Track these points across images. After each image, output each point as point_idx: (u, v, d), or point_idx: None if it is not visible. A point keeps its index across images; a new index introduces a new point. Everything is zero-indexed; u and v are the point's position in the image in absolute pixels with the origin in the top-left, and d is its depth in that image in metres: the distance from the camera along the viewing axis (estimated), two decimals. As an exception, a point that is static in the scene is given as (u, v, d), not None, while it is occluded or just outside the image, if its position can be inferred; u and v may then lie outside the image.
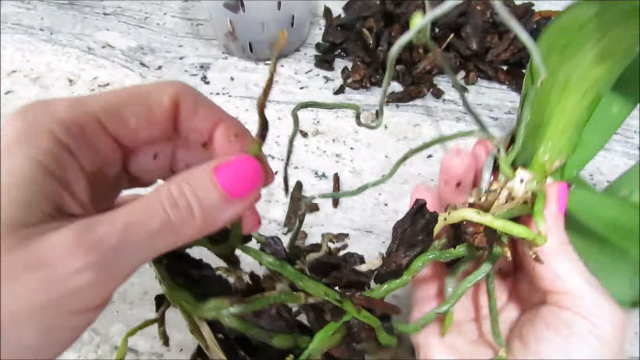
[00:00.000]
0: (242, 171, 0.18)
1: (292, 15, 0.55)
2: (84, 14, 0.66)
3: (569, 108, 0.26)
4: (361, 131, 0.53)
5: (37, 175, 0.15)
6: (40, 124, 0.16)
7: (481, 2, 0.60)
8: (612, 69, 0.26)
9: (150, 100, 0.18)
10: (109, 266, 0.15)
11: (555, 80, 0.26)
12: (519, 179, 0.26)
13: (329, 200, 0.47)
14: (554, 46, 0.26)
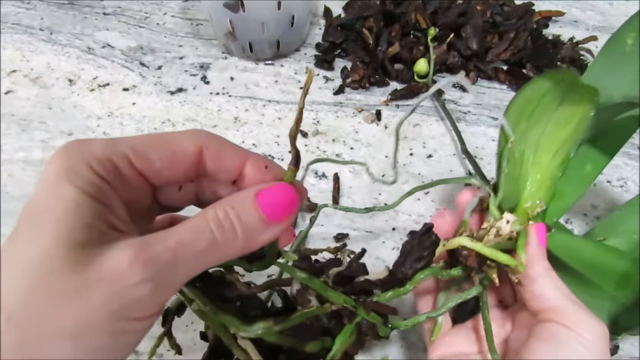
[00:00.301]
0: (280, 197, 0.20)
1: (292, 15, 0.55)
2: (84, 14, 0.66)
3: (543, 164, 0.32)
4: (361, 131, 0.53)
5: (87, 202, 0.18)
6: (81, 160, 0.19)
7: (481, 2, 0.60)
8: (576, 131, 0.31)
9: (174, 146, 0.21)
10: (163, 279, 0.18)
11: (527, 141, 0.32)
12: (506, 220, 0.30)
13: (329, 200, 0.47)
14: (522, 113, 0.32)
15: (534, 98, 0.32)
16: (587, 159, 0.36)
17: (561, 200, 0.34)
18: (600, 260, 0.30)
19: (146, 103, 0.55)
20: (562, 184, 0.33)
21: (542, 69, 0.57)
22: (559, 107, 0.31)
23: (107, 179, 0.19)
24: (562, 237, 0.32)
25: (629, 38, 0.35)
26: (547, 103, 0.32)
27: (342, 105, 0.55)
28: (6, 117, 0.54)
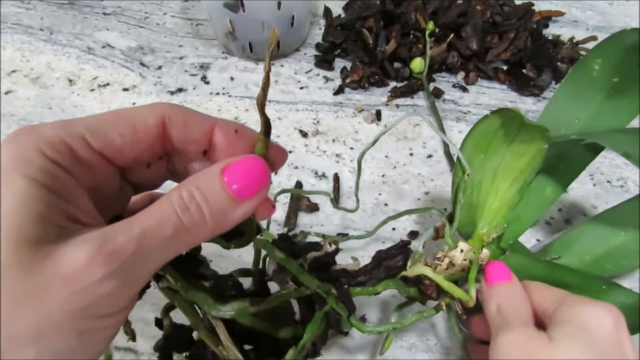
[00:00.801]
0: (249, 171, 0.18)
1: (292, 15, 0.55)
2: (84, 14, 0.66)
3: (501, 192, 0.33)
4: (361, 131, 0.53)
5: (38, 193, 0.16)
6: (31, 147, 0.17)
7: (481, 2, 0.60)
8: (532, 161, 0.32)
9: (134, 121, 0.19)
10: (129, 272, 0.17)
11: (484, 171, 0.34)
12: (460, 249, 0.32)
13: (328, 201, 0.47)
14: (479, 146, 0.34)
15: (489, 132, 0.33)
16: (547, 183, 0.37)
17: (519, 223, 0.36)
18: (553, 278, 0.32)
19: (146, 103, 0.55)
20: (520, 208, 0.35)
21: (542, 68, 0.57)
22: (513, 141, 0.33)
23: (63, 165, 0.17)
24: (516, 258, 0.34)
25: (595, 64, 0.36)
26: (501, 137, 0.33)
27: (342, 105, 0.55)
28: (6, 117, 0.54)
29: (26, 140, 0.17)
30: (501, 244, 0.36)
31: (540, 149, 0.32)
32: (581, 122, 0.37)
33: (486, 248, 0.34)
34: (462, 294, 0.29)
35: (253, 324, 0.24)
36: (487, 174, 0.34)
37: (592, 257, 0.35)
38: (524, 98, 0.57)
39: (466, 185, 0.34)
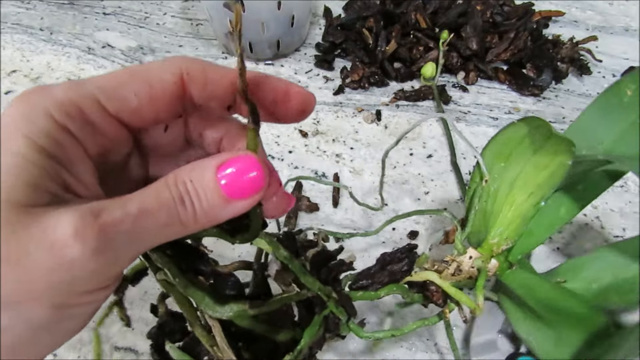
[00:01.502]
0: (243, 171, 0.17)
1: (292, 15, 0.55)
2: (84, 14, 0.66)
3: (516, 204, 0.33)
4: (361, 131, 0.53)
5: (36, 157, 0.15)
6: (37, 106, 0.16)
7: (481, 2, 0.60)
8: (552, 176, 0.32)
9: (150, 78, 0.18)
10: (119, 250, 0.16)
11: (502, 180, 0.33)
12: (469, 255, 0.31)
13: (328, 200, 0.47)
14: (500, 154, 0.33)
15: (513, 140, 0.33)
16: (563, 203, 0.36)
17: (530, 238, 0.35)
18: (556, 301, 0.31)
19: (146, 103, 0.55)
20: (533, 224, 0.34)
21: (542, 68, 0.57)
22: (537, 152, 0.32)
23: (70, 129, 0.16)
24: (522, 274, 0.34)
25: (628, 89, 0.35)
26: (525, 147, 0.33)
27: (342, 105, 0.55)
28: (6, 117, 0.54)
29: (35, 101, 0.16)
30: (510, 258, 0.35)
31: (563, 163, 0.31)
32: (604, 146, 0.36)
33: (496, 258, 0.33)
34: (469, 302, 0.29)
35: (252, 327, 0.23)
36: (505, 184, 0.33)
37: (598, 286, 0.34)
38: (524, 98, 0.57)
39: (482, 193, 0.33)
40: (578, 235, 0.45)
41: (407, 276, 0.30)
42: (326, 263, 0.27)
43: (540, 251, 0.43)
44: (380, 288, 0.29)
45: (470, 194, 0.34)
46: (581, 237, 0.45)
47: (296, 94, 0.20)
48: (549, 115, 0.55)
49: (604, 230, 0.45)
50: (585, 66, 0.59)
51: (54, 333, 0.16)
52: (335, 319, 0.27)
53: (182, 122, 0.21)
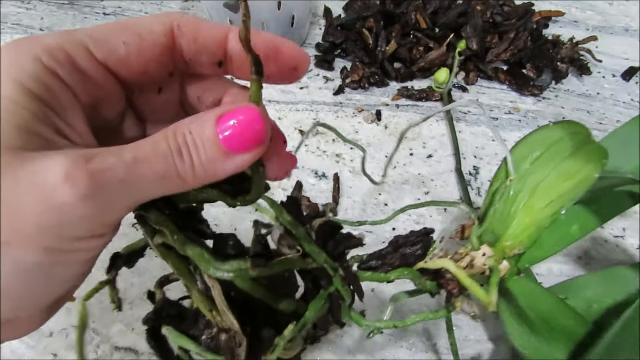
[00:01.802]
0: (244, 123, 0.17)
1: (292, 15, 0.55)
2: (84, 14, 0.66)
3: (535, 210, 0.32)
4: (361, 131, 0.53)
5: (26, 101, 0.15)
6: (27, 52, 0.16)
7: (481, 2, 0.60)
8: (576, 187, 0.31)
9: (139, 29, 0.18)
10: (111, 198, 0.15)
11: (524, 183, 0.33)
12: (483, 252, 0.31)
13: (329, 200, 0.47)
14: (527, 155, 0.33)
15: (544, 143, 0.32)
16: (577, 220, 0.36)
17: (539, 250, 0.35)
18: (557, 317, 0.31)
19: (146, 103, 0.55)
20: (545, 236, 0.34)
21: (542, 68, 0.57)
22: (566, 159, 0.31)
23: (59, 75, 0.16)
24: (528, 283, 0.33)
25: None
26: (555, 152, 0.32)
27: (342, 105, 0.55)
28: None
29: (24, 47, 0.16)
30: (519, 264, 0.34)
31: (590, 176, 0.31)
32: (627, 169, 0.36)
33: (507, 261, 0.32)
34: (483, 295, 0.27)
35: (252, 290, 0.21)
36: (527, 187, 0.32)
37: (599, 307, 0.34)
38: (524, 98, 0.57)
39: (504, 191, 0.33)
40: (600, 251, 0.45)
41: (420, 261, 0.28)
42: (333, 235, 0.26)
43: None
44: (390, 270, 0.27)
45: (492, 191, 0.33)
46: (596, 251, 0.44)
47: (288, 49, 0.19)
48: (549, 115, 0.55)
49: (604, 230, 0.45)
50: (585, 66, 0.59)
51: (47, 279, 0.16)
52: (340, 298, 0.25)
53: (178, 86, 0.20)
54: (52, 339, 0.38)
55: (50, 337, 0.38)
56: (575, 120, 0.32)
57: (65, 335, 0.38)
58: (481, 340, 0.38)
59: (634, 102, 0.57)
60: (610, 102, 0.56)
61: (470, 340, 0.38)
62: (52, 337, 0.38)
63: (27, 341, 0.38)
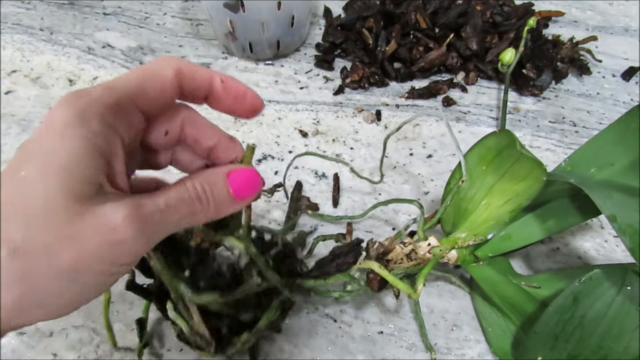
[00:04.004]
0: (246, 180, 0.24)
1: (292, 15, 0.55)
2: (84, 14, 0.66)
3: (492, 207, 0.35)
4: (361, 131, 0.53)
5: (92, 154, 0.19)
6: (89, 109, 0.20)
7: (481, 2, 0.60)
8: (529, 189, 0.34)
9: (160, 74, 0.23)
10: (150, 235, 0.21)
11: (482, 183, 0.36)
12: (428, 242, 0.35)
13: (329, 200, 0.47)
14: (484, 158, 0.36)
15: (496, 148, 0.35)
16: (553, 216, 0.38)
17: (507, 242, 0.39)
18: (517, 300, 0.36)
19: (146, 103, 0.55)
20: (514, 229, 0.38)
21: (542, 68, 0.57)
22: (515, 163, 0.34)
23: (117, 129, 0.21)
24: (488, 270, 0.37)
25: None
26: (505, 156, 0.35)
27: (342, 105, 0.55)
28: (6, 117, 0.54)
29: (84, 103, 0.20)
30: (477, 252, 0.37)
31: (539, 179, 0.33)
32: (614, 168, 0.37)
33: (457, 250, 0.36)
34: (405, 288, 0.32)
35: (221, 310, 0.30)
36: (484, 186, 0.36)
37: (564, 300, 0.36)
38: (524, 98, 0.57)
39: (460, 190, 0.36)
40: (578, 235, 0.45)
41: (353, 266, 0.35)
42: (284, 260, 0.34)
43: (539, 251, 0.43)
44: (328, 277, 0.35)
45: (447, 190, 0.37)
46: (581, 237, 0.45)
47: (251, 96, 0.25)
48: (549, 115, 0.55)
49: (604, 230, 0.45)
50: (585, 66, 0.59)
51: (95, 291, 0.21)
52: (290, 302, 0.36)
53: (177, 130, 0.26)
54: (52, 339, 0.38)
55: (50, 337, 0.38)
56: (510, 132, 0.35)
57: (65, 335, 0.38)
58: (480, 341, 0.38)
59: (634, 102, 0.57)
60: (610, 102, 0.56)
61: (470, 340, 0.38)
62: (52, 337, 0.38)
63: (27, 341, 0.38)
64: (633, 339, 0.30)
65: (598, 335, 0.31)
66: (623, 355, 0.30)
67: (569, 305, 0.32)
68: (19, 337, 0.38)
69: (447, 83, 0.57)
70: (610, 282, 0.31)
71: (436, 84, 0.57)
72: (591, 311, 0.31)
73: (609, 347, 0.31)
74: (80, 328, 0.39)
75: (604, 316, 0.31)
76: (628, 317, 0.30)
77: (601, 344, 0.31)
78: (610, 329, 0.31)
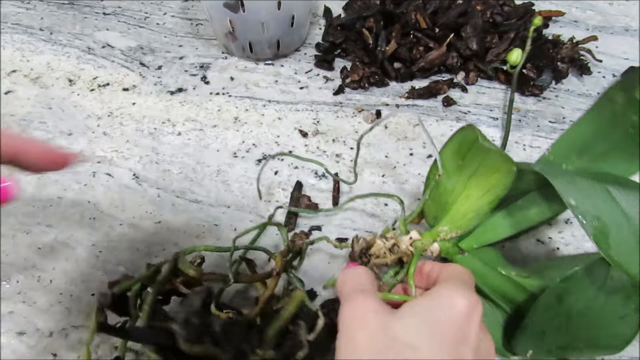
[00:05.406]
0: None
1: (292, 15, 0.55)
2: (84, 14, 0.66)
3: (472, 199, 0.36)
4: (361, 131, 0.52)
5: None
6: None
7: (481, 2, 0.60)
8: (503, 179, 0.34)
9: None
10: None
11: (460, 175, 0.36)
12: (409, 236, 0.35)
13: (329, 200, 0.47)
14: (459, 152, 0.36)
15: (468, 142, 0.35)
16: (536, 205, 0.39)
17: (490, 232, 0.39)
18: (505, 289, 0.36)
19: (146, 103, 0.55)
20: (497, 219, 0.39)
21: (542, 68, 0.57)
22: (486, 156, 0.34)
23: None
24: (473, 261, 0.37)
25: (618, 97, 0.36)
26: (476, 150, 0.35)
27: (342, 105, 0.55)
28: (6, 117, 0.54)
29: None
30: (461, 244, 0.38)
31: (510, 170, 0.33)
32: (591, 155, 0.37)
33: (439, 243, 0.36)
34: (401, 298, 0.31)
35: None
36: (462, 179, 0.36)
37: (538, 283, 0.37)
38: (524, 98, 0.57)
39: (439, 184, 0.37)
40: (578, 235, 0.45)
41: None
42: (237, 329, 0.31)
43: (540, 251, 0.43)
44: None
45: (427, 184, 0.37)
46: (581, 236, 0.44)
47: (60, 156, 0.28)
48: (549, 115, 0.55)
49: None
50: (585, 66, 0.59)
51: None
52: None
53: None
54: (52, 339, 0.38)
55: (50, 337, 0.38)
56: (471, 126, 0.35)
57: (65, 335, 0.38)
58: (481, 341, 0.38)
59: (634, 102, 0.56)
60: (610, 102, 0.56)
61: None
62: (52, 337, 0.38)
63: (27, 341, 0.38)
64: (621, 326, 0.31)
65: (585, 327, 0.32)
66: (612, 340, 0.31)
67: (554, 304, 0.32)
68: (18, 337, 0.38)
69: (447, 83, 0.57)
70: (592, 277, 0.32)
71: (436, 84, 0.57)
72: (576, 306, 0.32)
73: (597, 335, 0.32)
74: (80, 328, 0.39)
75: (589, 309, 0.32)
76: (613, 306, 0.31)
77: (589, 334, 0.32)
78: (597, 319, 0.32)
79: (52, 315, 0.39)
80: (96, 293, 0.40)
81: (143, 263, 0.42)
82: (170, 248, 0.43)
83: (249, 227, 0.39)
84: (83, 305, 0.40)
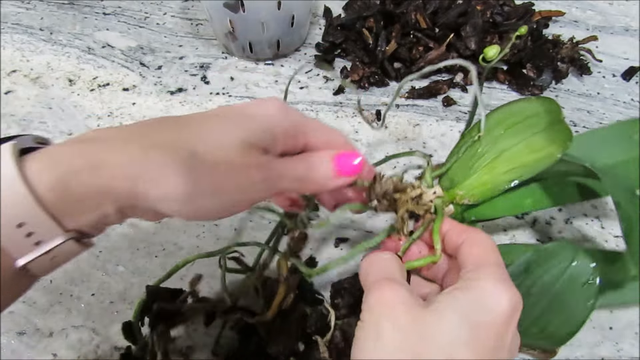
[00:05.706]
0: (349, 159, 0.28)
1: (292, 15, 0.55)
2: (84, 14, 0.66)
3: (495, 172, 0.35)
4: (361, 131, 0.52)
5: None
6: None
7: (481, 2, 0.60)
8: (538, 163, 0.34)
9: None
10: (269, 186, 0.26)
11: (494, 146, 0.36)
12: (434, 191, 0.34)
13: (328, 200, 0.47)
14: (502, 122, 0.36)
15: (522, 114, 0.35)
16: (532, 195, 0.39)
17: (489, 208, 0.39)
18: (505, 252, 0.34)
19: (146, 103, 0.55)
20: (499, 200, 0.38)
21: (542, 68, 0.57)
22: (537, 134, 0.34)
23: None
24: None
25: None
26: (529, 125, 0.35)
27: (342, 105, 0.55)
28: (6, 117, 0.54)
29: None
30: (466, 214, 0.38)
31: (553, 155, 0.33)
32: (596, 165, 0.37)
33: (454, 206, 0.35)
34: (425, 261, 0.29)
35: None
36: (495, 150, 0.36)
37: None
38: (524, 98, 0.57)
39: (471, 146, 0.36)
40: (578, 235, 0.45)
41: None
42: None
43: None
44: None
45: (460, 144, 0.37)
46: (581, 237, 0.44)
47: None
48: (549, 115, 0.55)
49: (604, 230, 0.45)
50: (585, 66, 0.59)
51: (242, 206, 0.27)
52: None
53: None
54: (52, 339, 0.38)
55: (50, 337, 0.38)
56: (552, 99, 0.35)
57: (65, 335, 0.38)
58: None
59: (634, 102, 0.56)
60: (610, 102, 0.56)
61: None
62: (52, 337, 0.38)
63: (27, 341, 0.38)
64: (573, 314, 0.33)
65: (541, 307, 0.33)
66: (560, 327, 0.33)
67: (520, 273, 0.33)
68: (19, 337, 0.38)
69: (447, 83, 0.57)
70: (562, 256, 0.33)
71: (436, 84, 0.57)
72: (539, 282, 0.33)
73: (548, 320, 0.33)
74: (80, 328, 0.39)
75: (550, 288, 0.33)
76: (572, 292, 0.33)
77: (542, 316, 0.33)
78: (554, 301, 0.33)
79: (52, 315, 0.39)
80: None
81: (143, 263, 0.42)
82: (170, 248, 0.43)
83: (249, 226, 0.39)
84: (83, 305, 0.40)
